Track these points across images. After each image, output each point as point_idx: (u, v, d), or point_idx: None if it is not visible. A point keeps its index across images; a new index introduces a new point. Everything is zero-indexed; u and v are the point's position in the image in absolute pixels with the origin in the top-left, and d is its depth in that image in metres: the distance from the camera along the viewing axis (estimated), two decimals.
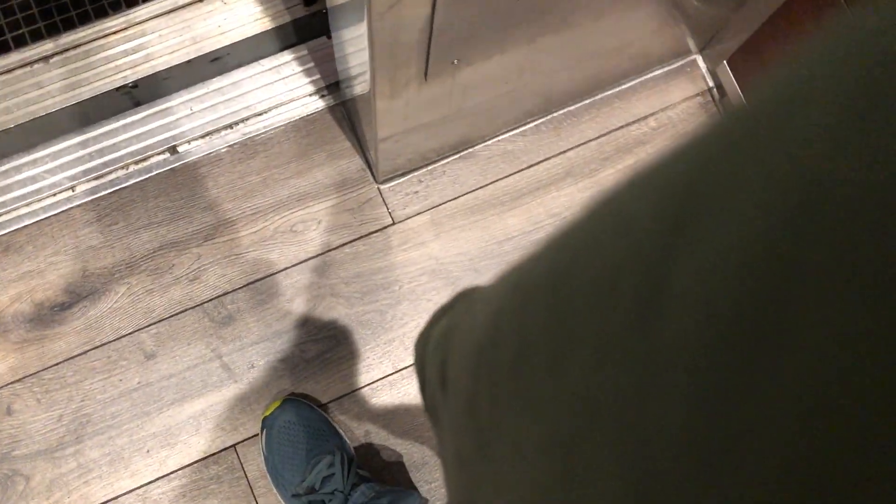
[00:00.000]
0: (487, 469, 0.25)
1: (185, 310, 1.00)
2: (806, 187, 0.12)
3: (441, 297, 1.03)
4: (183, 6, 1.05)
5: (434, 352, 0.40)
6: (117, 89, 1.03)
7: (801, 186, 0.12)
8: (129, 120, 1.04)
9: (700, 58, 1.08)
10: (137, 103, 1.04)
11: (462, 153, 1.06)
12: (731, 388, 0.13)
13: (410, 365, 1.01)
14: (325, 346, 1.01)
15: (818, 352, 0.11)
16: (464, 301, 0.44)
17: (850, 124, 0.12)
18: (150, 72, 1.04)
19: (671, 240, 0.15)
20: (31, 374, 0.98)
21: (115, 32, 1.04)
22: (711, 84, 1.08)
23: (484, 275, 1.03)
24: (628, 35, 0.87)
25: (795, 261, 0.12)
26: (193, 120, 1.04)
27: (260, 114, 1.05)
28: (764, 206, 0.13)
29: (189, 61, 1.05)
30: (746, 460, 0.12)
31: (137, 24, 1.04)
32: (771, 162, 0.13)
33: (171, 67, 1.04)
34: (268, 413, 0.96)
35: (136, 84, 1.04)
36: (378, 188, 1.04)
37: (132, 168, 1.03)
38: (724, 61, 1.01)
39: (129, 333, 1.00)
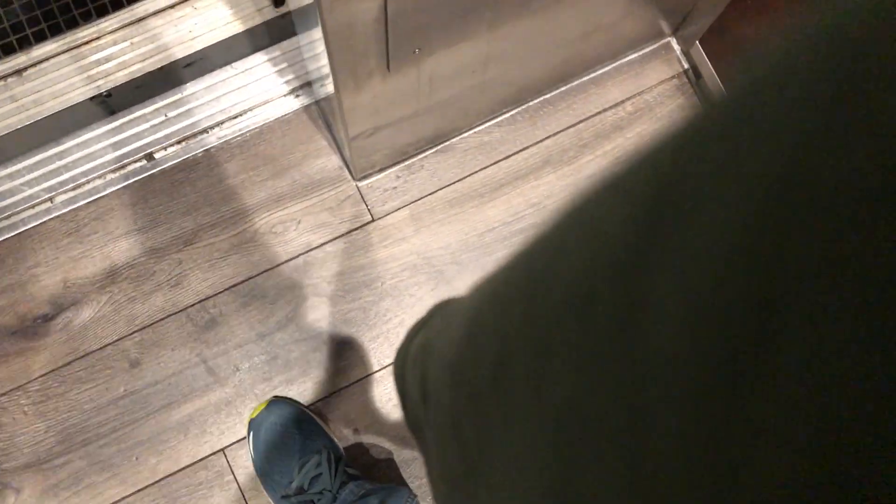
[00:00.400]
0: (478, 487, 0.25)
1: (168, 316, 1.00)
2: (778, 187, 0.12)
3: (424, 292, 1.02)
4: (154, 13, 1.05)
5: (413, 367, 0.39)
6: (91, 99, 1.03)
7: (772, 186, 0.12)
8: (104, 129, 1.04)
9: (674, 40, 1.08)
10: (112, 112, 1.04)
11: (439, 147, 1.05)
12: (725, 398, 0.13)
13: None
14: (309, 346, 1.00)
15: (807, 359, 0.11)
16: (439, 314, 0.44)
17: (822, 115, 0.12)
18: (124, 80, 1.04)
19: (644, 246, 0.15)
20: (17, 387, 0.98)
21: (87, 42, 1.04)
22: (687, 66, 1.07)
23: (466, 267, 1.03)
24: (595, 19, 0.87)
25: (772, 266, 0.12)
26: (169, 126, 1.04)
27: (235, 117, 1.05)
28: (736, 208, 0.13)
29: (162, 68, 1.05)
30: (747, 469, 0.12)
31: (109, 33, 1.04)
32: (741, 162, 0.13)
33: (144, 75, 1.04)
34: (254, 415, 0.96)
35: (110, 93, 1.04)
36: (356, 185, 1.04)
37: (109, 177, 1.03)
38: (697, 42, 1.01)
39: (113, 342, 1.00)
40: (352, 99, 0.77)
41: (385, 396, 1.00)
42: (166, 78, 1.05)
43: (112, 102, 1.04)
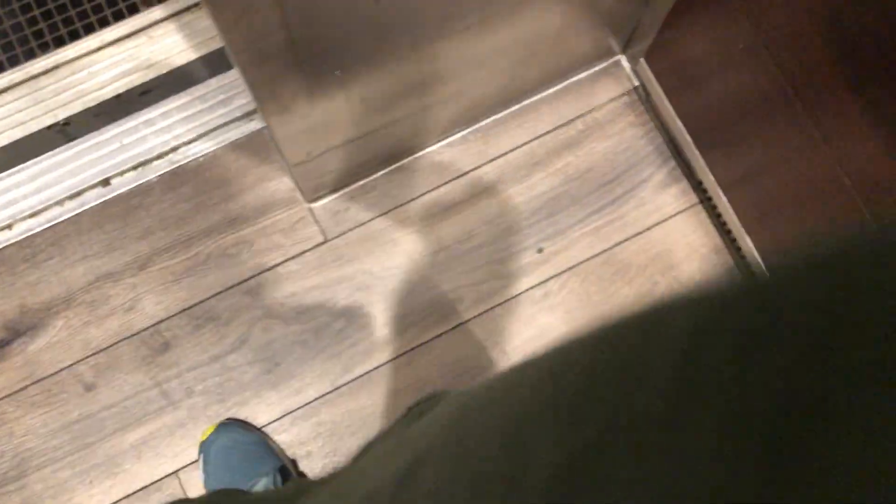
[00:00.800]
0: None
1: (123, 339, 1.01)
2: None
3: (377, 311, 1.03)
4: (110, 43, 1.07)
5: (445, 400, 0.46)
6: (49, 127, 1.05)
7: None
8: (62, 156, 1.05)
9: (623, 58, 1.08)
10: (70, 139, 1.06)
11: (391, 167, 1.06)
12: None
13: (349, 381, 1.01)
14: (262, 368, 1.01)
15: None
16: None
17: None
18: (81, 108, 1.06)
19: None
20: None
21: (45, 73, 1.07)
22: (637, 83, 1.08)
23: (419, 286, 1.03)
24: (526, 37, 0.87)
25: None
26: (125, 152, 1.06)
27: (189, 142, 1.06)
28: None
29: (119, 96, 1.07)
30: None
31: (66, 63, 1.07)
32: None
33: (101, 103, 1.07)
34: (204, 438, 0.96)
35: (68, 121, 1.06)
36: (308, 207, 1.05)
37: (67, 203, 1.05)
38: (642, 59, 1.01)
39: (69, 366, 1.01)
40: (283, 125, 0.78)
41: (338, 417, 1.00)
42: (123, 105, 1.07)
43: (70, 130, 1.06)
